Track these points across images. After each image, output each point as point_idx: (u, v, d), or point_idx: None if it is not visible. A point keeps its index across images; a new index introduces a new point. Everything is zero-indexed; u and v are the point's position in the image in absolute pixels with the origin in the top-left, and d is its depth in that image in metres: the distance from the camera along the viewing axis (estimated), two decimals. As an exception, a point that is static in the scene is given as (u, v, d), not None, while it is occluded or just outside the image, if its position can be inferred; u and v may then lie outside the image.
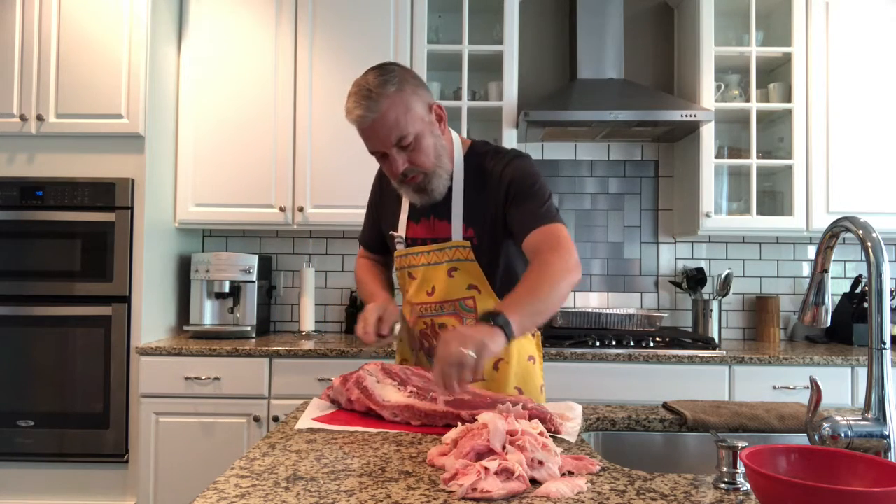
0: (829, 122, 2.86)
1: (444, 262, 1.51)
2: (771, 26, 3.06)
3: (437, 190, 1.49)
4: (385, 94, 1.38)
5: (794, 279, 3.21)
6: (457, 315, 1.52)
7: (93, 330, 2.56)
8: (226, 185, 2.89)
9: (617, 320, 2.89)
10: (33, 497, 2.56)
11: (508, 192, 1.48)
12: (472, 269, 1.50)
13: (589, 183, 3.24)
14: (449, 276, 1.51)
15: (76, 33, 2.62)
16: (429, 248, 1.53)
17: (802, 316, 1.12)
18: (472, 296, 1.51)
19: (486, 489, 0.85)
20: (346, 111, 1.43)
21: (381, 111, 1.38)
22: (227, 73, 2.88)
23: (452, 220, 1.51)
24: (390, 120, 1.39)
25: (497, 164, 1.51)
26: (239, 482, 0.91)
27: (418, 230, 1.56)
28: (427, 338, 1.56)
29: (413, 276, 1.56)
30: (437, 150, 1.47)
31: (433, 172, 1.46)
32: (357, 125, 1.42)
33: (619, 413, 1.43)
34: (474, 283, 1.51)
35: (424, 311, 1.54)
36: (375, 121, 1.39)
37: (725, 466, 0.93)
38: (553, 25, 3.26)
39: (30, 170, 2.63)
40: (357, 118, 1.40)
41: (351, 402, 1.33)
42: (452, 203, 1.51)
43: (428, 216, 1.54)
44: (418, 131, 1.42)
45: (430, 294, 1.53)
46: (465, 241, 1.50)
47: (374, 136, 1.41)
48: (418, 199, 1.50)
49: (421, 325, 1.56)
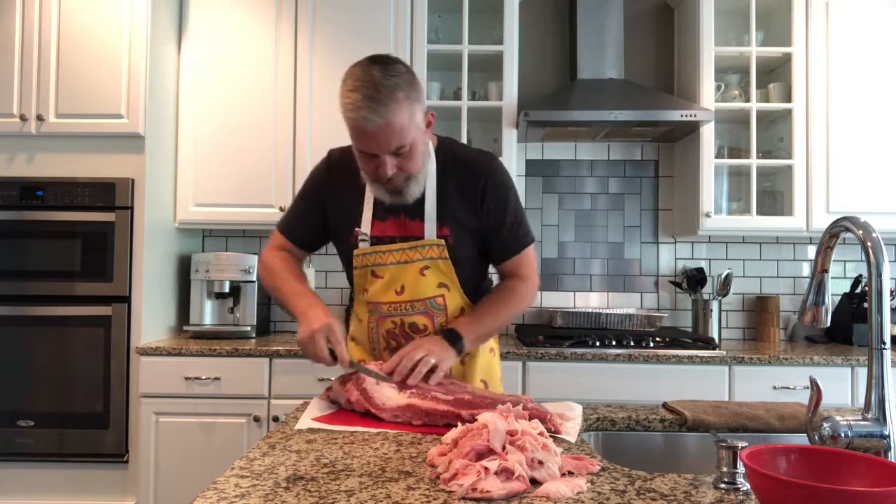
0: (829, 122, 2.86)
1: (417, 260, 1.49)
2: (771, 26, 3.06)
3: (412, 194, 1.46)
4: (394, 100, 1.31)
5: (794, 279, 3.21)
6: (427, 313, 1.51)
7: (93, 330, 2.56)
8: (226, 185, 2.89)
9: (617, 320, 2.89)
10: (33, 497, 2.56)
11: (489, 204, 1.51)
12: (445, 267, 1.50)
13: (589, 183, 3.24)
14: (421, 274, 1.49)
15: (76, 33, 2.62)
16: (399, 247, 1.49)
17: (802, 316, 1.12)
18: (442, 294, 1.51)
19: (486, 489, 0.85)
20: (346, 105, 1.33)
21: (387, 117, 1.31)
22: (227, 73, 2.88)
23: (426, 219, 1.49)
24: (395, 127, 1.32)
25: (474, 168, 1.53)
26: (239, 482, 0.91)
27: (386, 228, 1.51)
28: (395, 337, 1.53)
29: (378, 275, 1.51)
30: (424, 156, 1.46)
31: (413, 178, 1.44)
32: (356, 125, 1.33)
33: (619, 413, 1.43)
34: (445, 281, 1.51)
35: (393, 311, 1.52)
36: (380, 126, 1.31)
37: (725, 466, 0.93)
38: (553, 25, 3.26)
39: (30, 170, 2.63)
40: (361, 119, 1.31)
41: (350, 402, 1.33)
42: (426, 202, 1.49)
43: (398, 214, 1.50)
44: (415, 139, 1.39)
45: (399, 293, 1.50)
46: (439, 239, 1.49)
47: (374, 140, 1.34)
48: (389, 199, 1.46)
49: (388, 325, 1.53)
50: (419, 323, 1.51)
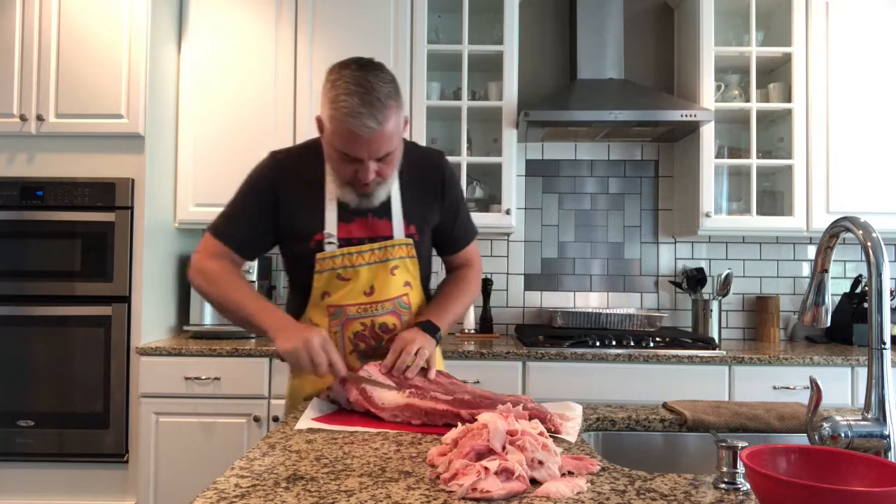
0: (829, 122, 2.86)
1: (388, 259, 1.50)
2: (771, 26, 3.06)
3: (380, 197, 1.46)
4: (388, 107, 1.32)
5: (794, 279, 3.21)
6: (395, 313, 1.52)
7: (93, 330, 2.56)
8: (226, 185, 2.85)
9: (617, 320, 2.89)
10: (33, 497, 2.56)
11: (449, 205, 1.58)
12: (412, 265, 1.54)
13: (589, 183, 3.24)
14: (391, 274, 1.51)
15: (76, 33, 2.62)
16: (368, 248, 1.49)
17: (802, 316, 1.12)
18: (407, 292, 1.54)
19: (486, 489, 0.85)
20: (340, 109, 1.31)
21: (383, 125, 1.32)
22: (227, 73, 2.88)
23: (394, 218, 1.51)
24: (387, 134, 1.34)
25: (432, 164, 1.59)
26: (239, 482, 0.91)
27: (353, 230, 1.49)
28: (363, 339, 1.51)
29: (344, 278, 1.49)
30: (399, 161, 1.47)
31: (385, 182, 1.44)
32: (350, 129, 1.31)
33: (619, 413, 1.43)
34: (409, 279, 1.54)
35: (362, 312, 1.50)
36: (375, 133, 1.32)
37: (725, 466, 0.93)
38: (553, 25, 3.26)
39: (30, 170, 2.63)
40: (358, 124, 1.30)
41: (350, 402, 1.33)
42: (392, 201, 1.51)
43: (365, 215, 1.50)
44: (398, 147, 1.42)
45: (368, 294, 1.50)
46: (408, 238, 1.52)
47: (365, 145, 1.33)
48: (356, 201, 1.44)
49: (356, 327, 1.50)
50: (389, 323, 1.52)
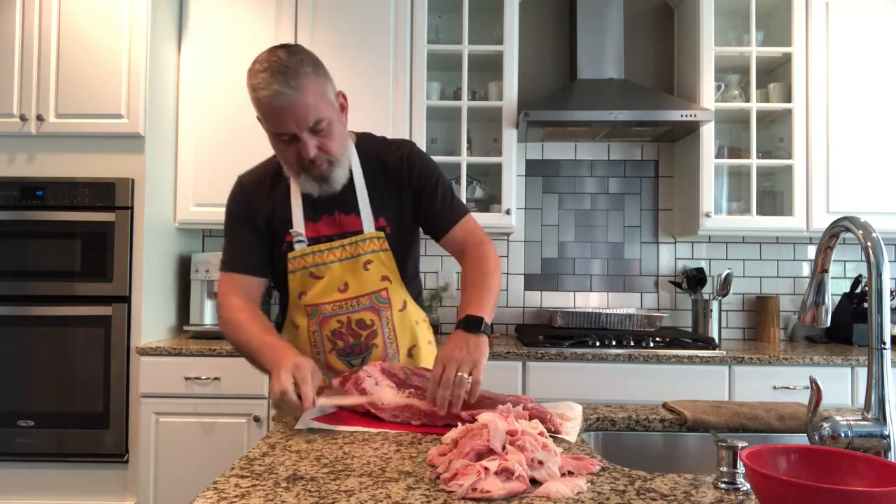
0: (829, 122, 2.86)
1: (360, 255, 1.48)
2: (771, 26, 3.06)
3: (338, 180, 1.45)
4: (303, 73, 1.33)
5: (794, 279, 3.21)
6: (373, 308, 1.50)
7: (93, 330, 2.56)
8: (226, 185, 2.82)
9: (617, 320, 2.89)
10: (33, 497, 2.56)
11: (420, 183, 1.52)
12: (387, 259, 1.50)
13: (589, 183, 3.24)
14: (364, 269, 1.48)
15: (76, 33, 2.62)
16: (339, 244, 1.48)
17: (802, 316, 1.12)
18: (386, 287, 1.50)
19: (486, 489, 0.85)
20: (256, 87, 1.31)
21: (300, 89, 1.31)
22: (227, 73, 2.88)
23: (361, 211, 1.49)
24: (309, 101, 1.33)
25: (396, 153, 1.54)
26: (239, 482, 0.91)
27: (321, 228, 1.49)
28: (341, 336, 1.50)
29: (317, 276, 1.49)
30: (343, 138, 1.45)
31: (337, 161, 1.43)
32: (270, 102, 1.31)
33: (619, 413, 1.43)
34: (387, 273, 1.51)
35: (337, 310, 1.49)
36: (294, 100, 1.31)
37: (725, 466, 0.93)
38: (553, 25, 3.26)
39: (30, 170, 2.63)
40: (273, 94, 1.30)
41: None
42: (357, 195, 1.49)
43: (331, 213, 1.49)
44: (331, 117, 1.38)
45: (342, 291, 1.48)
46: (378, 231, 1.49)
47: (289, 115, 1.32)
48: (317, 189, 1.44)
49: (333, 325, 1.49)
50: (366, 319, 1.49)
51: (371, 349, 1.51)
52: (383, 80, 2.87)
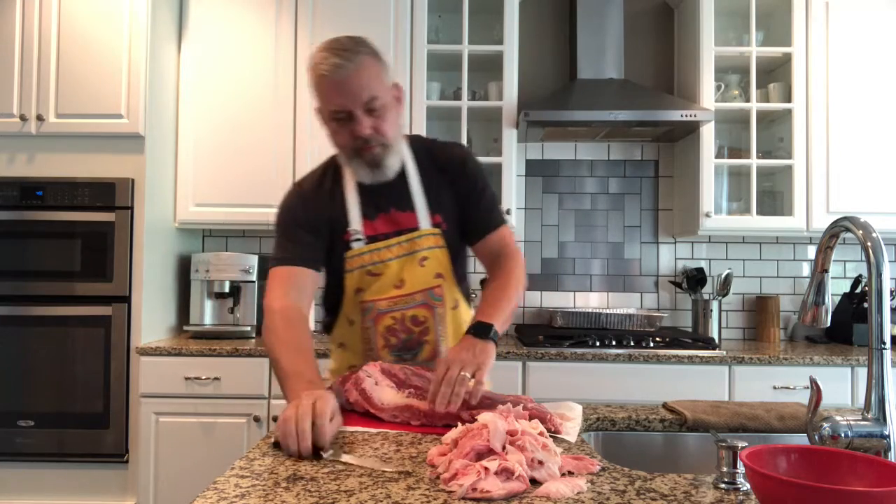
0: (829, 122, 2.86)
1: (418, 251, 1.48)
2: (771, 26, 3.06)
3: (391, 167, 1.46)
4: (363, 52, 1.37)
5: (794, 279, 3.21)
6: (427, 305, 1.49)
7: (93, 330, 2.56)
8: (226, 185, 2.89)
9: (617, 320, 2.89)
10: (33, 497, 2.56)
11: (469, 184, 1.54)
12: (443, 255, 1.50)
13: (589, 183, 3.24)
14: (420, 265, 1.48)
15: (76, 33, 2.62)
16: (396, 241, 1.48)
17: (802, 316, 1.12)
18: (440, 283, 1.50)
19: (486, 489, 0.85)
20: (316, 65, 1.35)
21: (358, 63, 1.34)
22: (227, 73, 2.89)
23: (417, 208, 1.49)
24: (365, 77, 1.35)
25: (450, 153, 1.56)
26: (239, 482, 0.91)
27: (378, 226, 1.50)
28: (394, 333, 1.50)
29: (374, 273, 1.49)
30: (397, 125, 1.47)
31: (390, 147, 1.44)
32: (329, 75, 1.34)
33: (619, 413, 1.43)
34: (441, 270, 1.50)
35: (393, 306, 1.49)
36: (351, 74, 1.34)
37: (725, 466, 0.93)
38: (553, 25, 3.26)
39: (30, 170, 2.63)
40: (332, 67, 1.33)
41: (350, 402, 1.33)
42: (412, 192, 1.50)
43: (387, 210, 1.50)
44: (386, 99, 1.41)
45: (398, 287, 1.49)
46: (434, 228, 1.49)
47: (346, 90, 1.35)
48: (370, 175, 1.46)
49: (388, 322, 1.50)
50: (419, 315, 1.49)
51: (423, 345, 1.51)
52: (383, 80, 2.87)
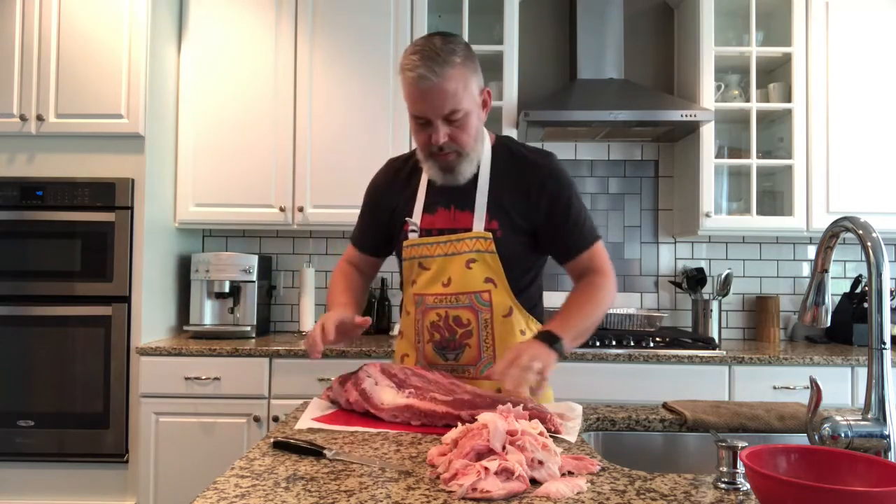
0: (829, 122, 2.86)
1: (464, 252, 1.47)
2: (771, 26, 3.06)
3: (464, 174, 1.48)
4: (451, 63, 1.37)
5: (794, 279, 3.21)
6: (472, 308, 1.48)
7: (93, 330, 2.56)
8: (226, 185, 2.89)
9: (617, 320, 2.89)
10: (33, 497, 2.56)
11: (550, 201, 1.50)
12: (492, 261, 1.47)
13: (589, 183, 3.24)
14: (467, 267, 1.47)
15: (76, 33, 2.62)
16: (447, 238, 1.49)
17: (802, 316, 1.12)
18: (489, 289, 1.48)
19: (486, 489, 0.85)
20: (404, 66, 1.39)
21: (444, 77, 1.36)
22: (227, 73, 2.89)
23: (476, 210, 1.49)
24: (450, 89, 1.38)
25: (535, 162, 1.53)
26: (239, 482, 0.91)
27: (436, 220, 1.52)
28: (438, 329, 1.51)
29: (425, 267, 1.51)
30: (478, 132, 1.48)
31: (467, 155, 1.46)
32: (414, 84, 1.38)
33: (619, 413, 1.43)
34: (492, 276, 1.47)
35: (438, 303, 1.50)
36: (435, 85, 1.36)
37: (725, 466, 0.93)
38: (553, 25, 3.26)
39: (30, 170, 2.63)
40: (418, 77, 1.36)
41: (350, 402, 1.33)
42: (477, 193, 1.49)
43: (448, 206, 1.51)
44: (469, 109, 1.42)
45: (445, 285, 1.49)
46: (486, 232, 1.48)
47: (428, 100, 1.38)
48: (441, 178, 1.48)
49: (433, 317, 1.51)
50: (463, 317, 1.48)
51: (464, 348, 1.50)
52: (383, 80, 2.87)
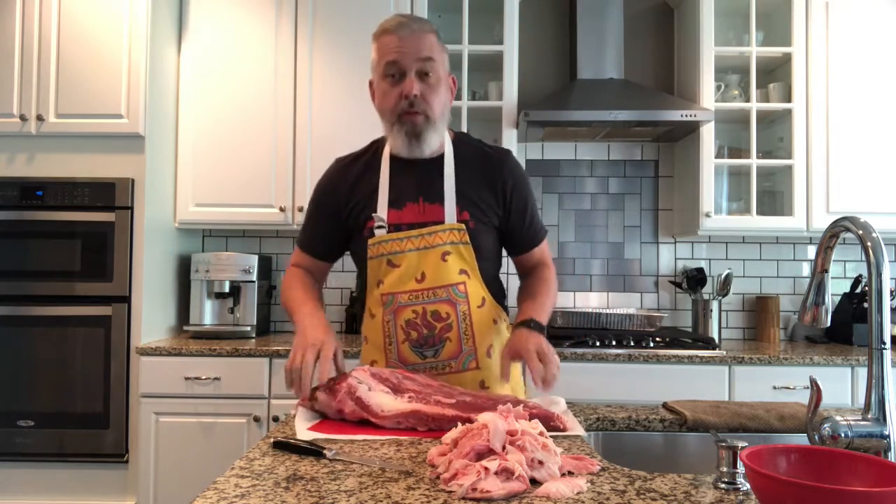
0: (829, 122, 2.86)
1: (438, 245, 1.46)
2: (771, 26, 3.06)
3: (430, 145, 1.49)
4: (428, 27, 1.47)
5: (794, 279, 3.21)
6: (450, 301, 1.46)
7: (93, 330, 2.56)
8: (226, 185, 2.89)
9: (617, 320, 2.89)
10: (33, 497, 2.56)
11: (512, 197, 1.54)
12: (466, 252, 1.47)
13: (589, 183, 3.24)
14: (442, 260, 1.46)
15: (76, 33, 2.62)
16: (419, 233, 1.47)
17: (802, 316, 1.12)
18: (464, 281, 1.47)
19: (486, 489, 0.85)
20: (381, 27, 1.46)
21: (422, 31, 1.44)
22: (227, 73, 2.89)
23: (446, 202, 1.48)
24: (427, 42, 1.44)
25: (495, 156, 1.57)
26: (239, 482, 0.91)
27: (403, 216, 1.49)
28: (415, 327, 1.47)
29: (395, 264, 1.47)
30: (445, 105, 1.50)
31: (433, 123, 1.47)
32: (393, 30, 1.44)
33: (619, 413, 1.43)
34: (465, 267, 1.48)
35: (413, 300, 1.47)
36: (415, 33, 1.43)
37: (725, 466, 0.93)
38: (553, 25, 3.26)
39: (30, 170, 2.63)
40: (398, 24, 1.43)
41: (343, 413, 1.24)
42: (445, 186, 1.49)
43: (416, 199, 1.49)
44: (440, 76, 1.47)
45: (419, 281, 1.46)
46: (459, 224, 1.48)
47: (405, 45, 1.43)
48: (406, 147, 1.48)
49: (408, 315, 1.47)
50: (441, 311, 1.46)
51: (444, 343, 1.48)
52: (383, 80, 2.87)
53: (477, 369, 1.48)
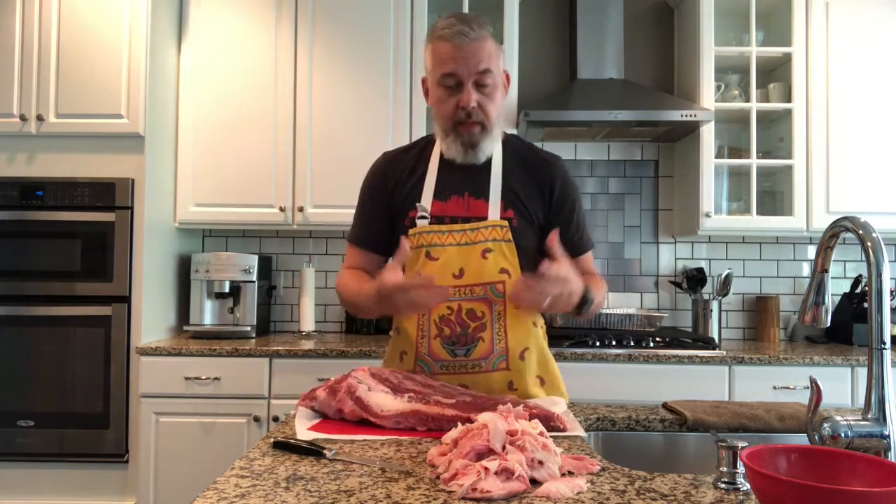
0: (829, 122, 2.86)
1: (479, 242, 1.43)
2: (771, 26, 3.06)
3: (485, 151, 1.47)
4: (486, 29, 1.43)
5: (794, 279, 3.21)
6: (486, 300, 1.43)
7: (93, 330, 2.56)
8: (226, 185, 2.89)
9: (617, 320, 2.89)
10: (33, 497, 2.56)
11: (559, 200, 1.51)
12: (508, 250, 1.44)
13: (589, 183, 3.24)
14: (483, 257, 1.43)
15: (76, 33, 2.62)
16: (461, 227, 1.44)
17: (802, 316, 1.12)
18: (503, 280, 1.43)
19: (486, 489, 0.84)
20: (434, 31, 1.42)
21: (481, 37, 1.40)
22: (227, 73, 2.88)
23: (491, 198, 1.46)
24: (485, 49, 1.41)
25: (543, 158, 1.55)
26: (239, 482, 0.91)
27: (448, 208, 1.47)
28: (449, 324, 1.43)
29: (433, 257, 1.44)
30: (500, 111, 1.49)
31: (489, 132, 1.46)
32: (449, 39, 1.40)
33: (619, 413, 1.43)
34: (507, 266, 1.44)
35: (450, 295, 1.41)
36: (472, 43, 1.39)
37: (725, 466, 0.93)
38: (553, 25, 3.26)
39: (30, 170, 2.63)
40: (455, 32, 1.39)
41: (342, 412, 1.25)
42: (491, 182, 1.47)
43: (461, 194, 1.47)
44: (497, 81, 1.44)
45: (457, 276, 1.43)
46: (503, 220, 1.45)
47: (465, 57, 1.39)
48: (462, 154, 1.46)
49: (443, 310, 1.43)
50: (477, 310, 1.43)
51: (477, 342, 1.44)
52: (384, 81, 2.87)
53: (507, 370, 1.45)
